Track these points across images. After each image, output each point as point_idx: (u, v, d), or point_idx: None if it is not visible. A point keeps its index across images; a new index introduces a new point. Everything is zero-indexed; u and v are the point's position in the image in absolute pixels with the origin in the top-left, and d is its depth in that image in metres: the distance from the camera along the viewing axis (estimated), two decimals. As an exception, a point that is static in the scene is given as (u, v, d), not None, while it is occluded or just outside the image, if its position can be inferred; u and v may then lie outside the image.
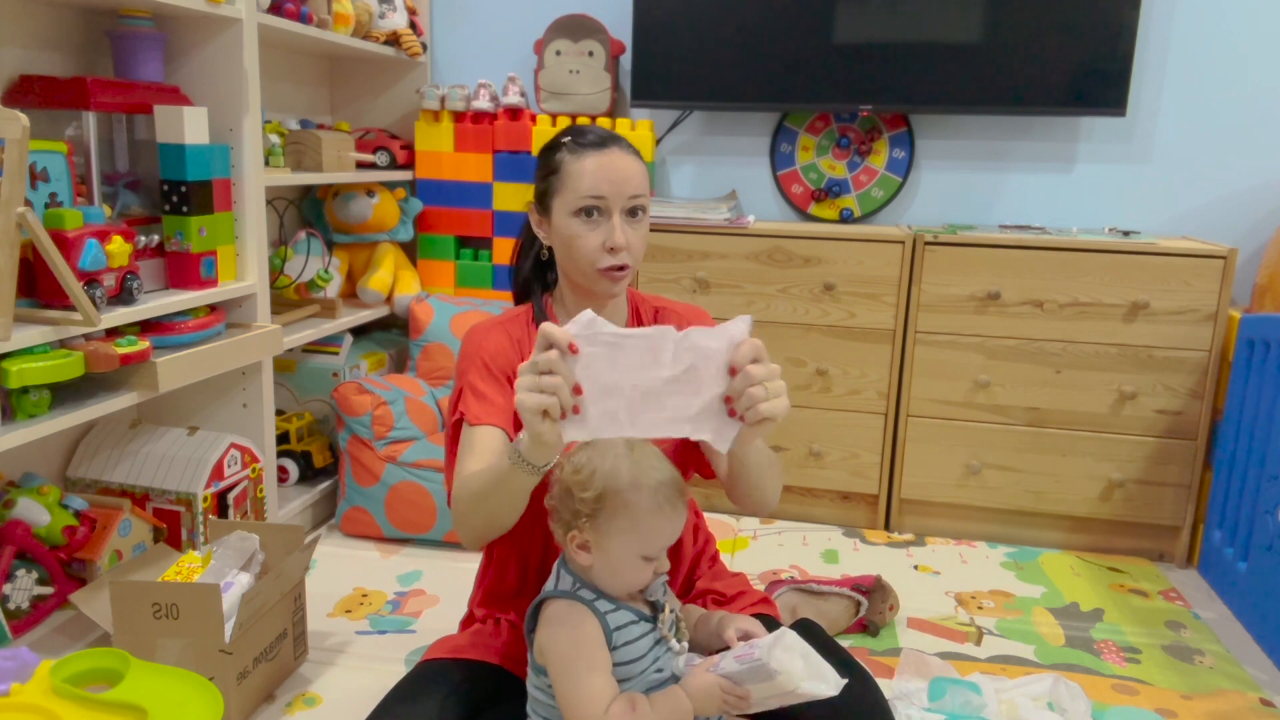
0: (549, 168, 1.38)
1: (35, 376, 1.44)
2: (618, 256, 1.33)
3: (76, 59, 1.83)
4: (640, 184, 1.35)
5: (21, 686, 1.29)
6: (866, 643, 1.87)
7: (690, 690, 1.14)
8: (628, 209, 1.34)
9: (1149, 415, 2.26)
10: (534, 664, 1.19)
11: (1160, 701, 1.70)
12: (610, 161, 1.33)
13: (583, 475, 1.14)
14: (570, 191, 1.33)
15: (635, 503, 1.12)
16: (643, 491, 1.13)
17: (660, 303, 1.52)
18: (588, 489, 1.13)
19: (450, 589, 2.04)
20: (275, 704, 1.61)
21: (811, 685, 1.10)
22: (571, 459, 1.17)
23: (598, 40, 2.61)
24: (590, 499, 1.13)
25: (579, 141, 1.36)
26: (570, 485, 1.14)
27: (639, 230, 1.36)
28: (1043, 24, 2.36)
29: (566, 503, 1.15)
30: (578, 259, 1.35)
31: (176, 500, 1.83)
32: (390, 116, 2.79)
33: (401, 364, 2.69)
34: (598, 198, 1.32)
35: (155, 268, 1.80)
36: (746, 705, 1.14)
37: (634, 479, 1.13)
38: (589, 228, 1.33)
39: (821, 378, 2.40)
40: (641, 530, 1.13)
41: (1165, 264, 2.20)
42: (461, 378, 1.39)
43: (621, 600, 1.17)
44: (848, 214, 2.68)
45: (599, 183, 1.32)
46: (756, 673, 1.11)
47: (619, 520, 1.12)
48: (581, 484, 1.13)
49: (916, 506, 2.44)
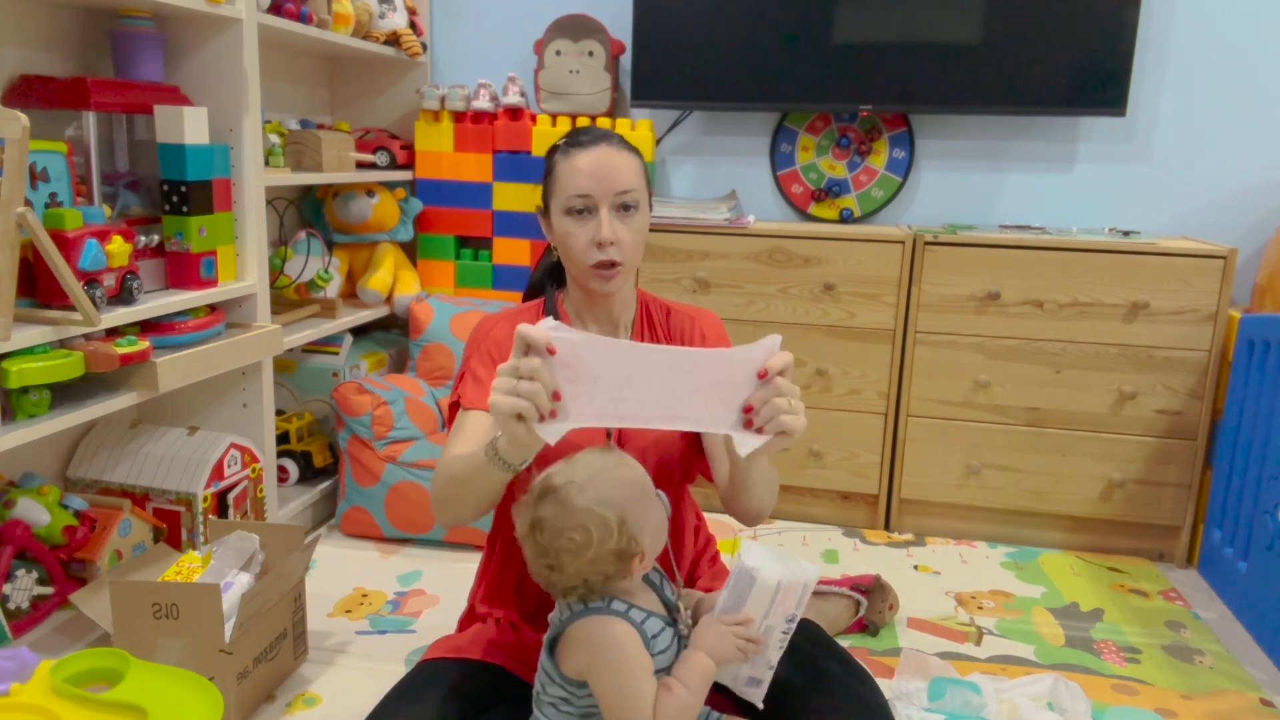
0: (547, 170, 1.40)
1: (35, 376, 1.44)
2: (606, 251, 1.33)
3: (76, 59, 1.83)
4: (630, 179, 1.35)
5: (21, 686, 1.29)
6: (866, 643, 1.87)
7: (702, 644, 1.16)
8: (617, 204, 1.35)
9: (1149, 415, 2.26)
10: (560, 675, 1.18)
11: (1160, 701, 1.70)
12: (597, 159, 1.34)
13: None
14: (561, 191, 1.36)
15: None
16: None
17: (670, 304, 1.53)
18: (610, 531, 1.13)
19: (450, 589, 2.04)
20: (275, 704, 1.61)
21: (793, 574, 1.15)
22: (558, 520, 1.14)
23: (598, 40, 2.61)
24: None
25: (571, 143, 1.38)
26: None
27: (631, 226, 1.36)
28: (1043, 24, 2.36)
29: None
30: (572, 257, 1.37)
31: (176, 500, 1.83)
32: (390, 116, 2.79)
33: (401, 364, 2.69)
34: (584, 195, 1.33)
35: (155, 268, 1.80)
36: (756, 637, 1.16)
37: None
38: (579, 225, 1.34)
39: (821, 378, 2.40)
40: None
41: (1165, 264, 2.20)
42: (465, 363, 1.41)
43: (648, 608, 1.18)
44: (848, 214, 2.68)
45: (585, 180, 1.33)
46: (740, 584, 1.15)
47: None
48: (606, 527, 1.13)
49: (916, 506, 2.44)
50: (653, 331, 1.50)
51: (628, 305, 1.47)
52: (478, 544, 2.18)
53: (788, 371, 1.14)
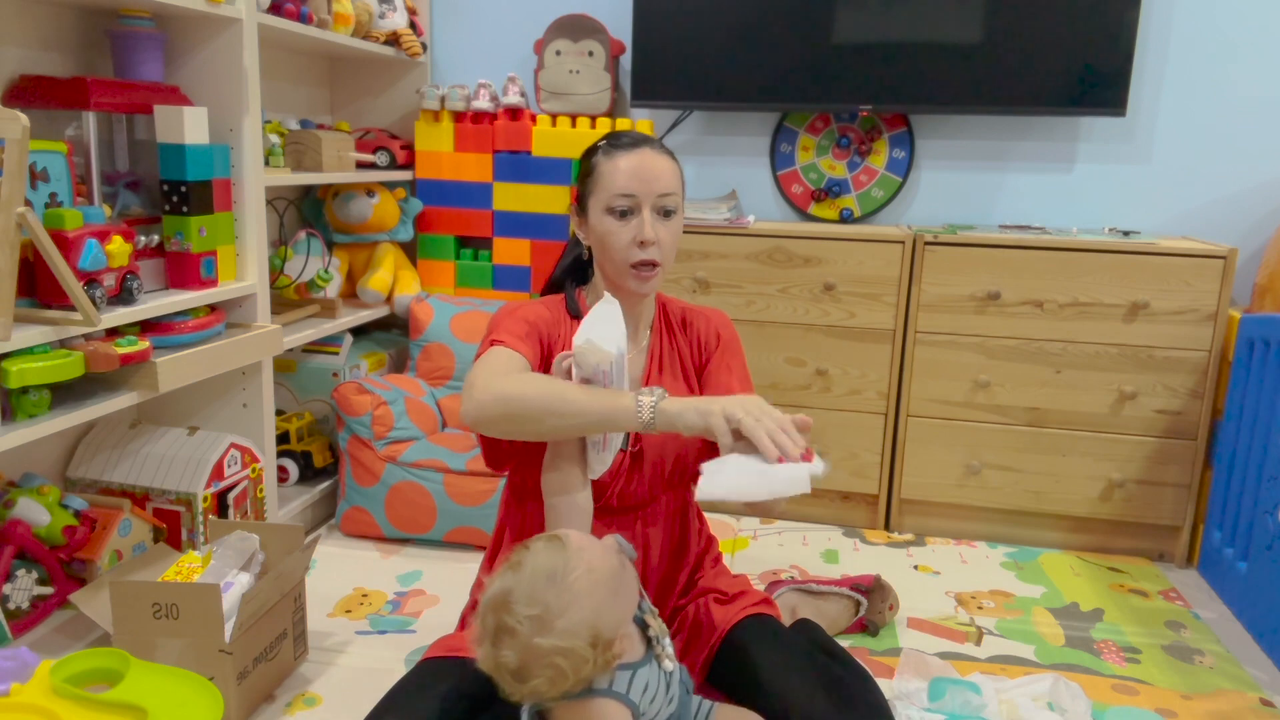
0: (586, 171, 1.44)
1: (35, 376, 1.44)
2: (648, 251, 1.39)
3: (76, 59, 1.83)
4: (671, 183, 1.42)
5: (21, 686, 1.29)
6: (866, 643, 1.87)
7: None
8: (659, 207, 1.40)
9: (1149, 415, 2.26)
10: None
11: (1160, 701, 1.70)
12: (641, 161, 1.39)
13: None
14: (603, 191, 1.40)
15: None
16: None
17: (684, 305, 1.58)
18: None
19: (450, 589, 2.04)
20: (275, 704, 1.61)
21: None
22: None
23: (598, 40, 2.61)
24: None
25: (613, 144, 1.42)
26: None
27: (670, 229, 1.42)
28: (1042, 24, 2.36)
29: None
30: (612, 255, 1.41)
31: (176, 500, 1.83)
32: (390, 116, 2.79)
33: (401, 364, 2.69)
34: (628, 195, 1.38)
35: (155, 268, 1.80)
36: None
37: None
38: (621, 224, 1.39)
39: (821, 378, 2.40)
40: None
41: (1165, 264, 2.20)
42: (498, 325, 1.41)
43: (632, 658, 1.15)
44: (848, 214, 2.68)
45: (630, 181, 1.38)
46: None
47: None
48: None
49: (916, 506, 2.44)
50: (671, 335, 1.53)
51: (649, 305, 1.51)
52: (478, 544, 2.18)
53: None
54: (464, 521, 2.20)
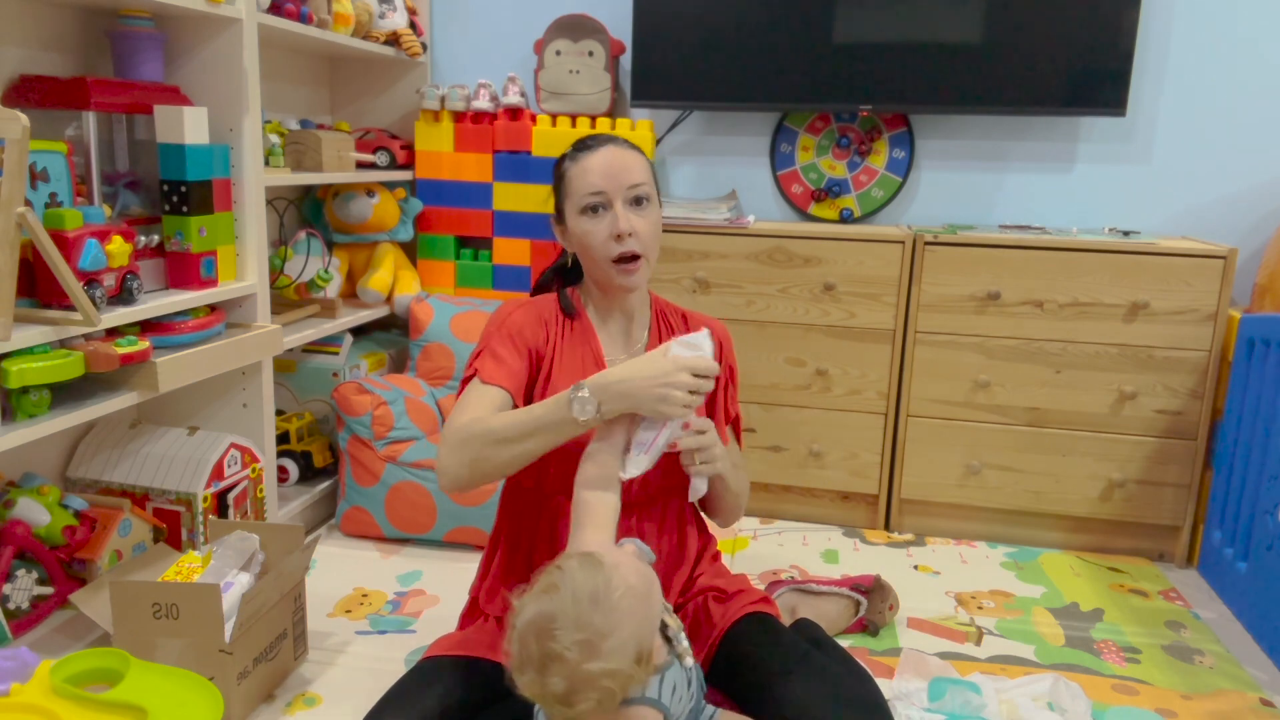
0: (558, 180, 1.47)
1: (35, 376, 1.44)
2: (626, 243, 1.40)
3: (76, 59, 1.83)
4: (639, 173, 1.43)
5: (21, 686, 1.29)
6: (866, 643, 1.87)
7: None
8: (630, 198, 1.41)
9: (1149, 415, 2.26)
10: None
11: (1160, 701, 1.70)
12: (607, 157, 1.41)
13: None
14: (575, 194, 1.42)
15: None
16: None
17: (685, 312, 1.59)
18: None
19: (450, 589, 2.04)
20: (275, 704, 1.61)
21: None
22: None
23: (598, 40, 2.61)
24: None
25: (578, 149, 1.45)
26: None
27: (646, 218, 1.43)
28: (1042, 24, 2.36)
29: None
30: (593, 254, 1.42)
31: (176, 500, 1.83)
32: (390, 116, 2.79)
33: (401, 364, 2.69)
34: (598, 192, 1.40)
35: (155, 268, 1.80)
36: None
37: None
38: (596, 222, 1.40)
39: (821, 378, 2.40)
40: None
41: (1165, 264, 2.20)
42: (486, 341, 1.45)
43: (658, 661, 1.14)
44: (848, 214, 2.68)
45: (598, 179, 1.40)
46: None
47: None
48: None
49: (916, 506, 2.44)
50: (671, 335, 1.53)
51: (643, 304, 1.51)
52: (478, 544, 2.18)
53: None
54: (464, 521, 2.20)
